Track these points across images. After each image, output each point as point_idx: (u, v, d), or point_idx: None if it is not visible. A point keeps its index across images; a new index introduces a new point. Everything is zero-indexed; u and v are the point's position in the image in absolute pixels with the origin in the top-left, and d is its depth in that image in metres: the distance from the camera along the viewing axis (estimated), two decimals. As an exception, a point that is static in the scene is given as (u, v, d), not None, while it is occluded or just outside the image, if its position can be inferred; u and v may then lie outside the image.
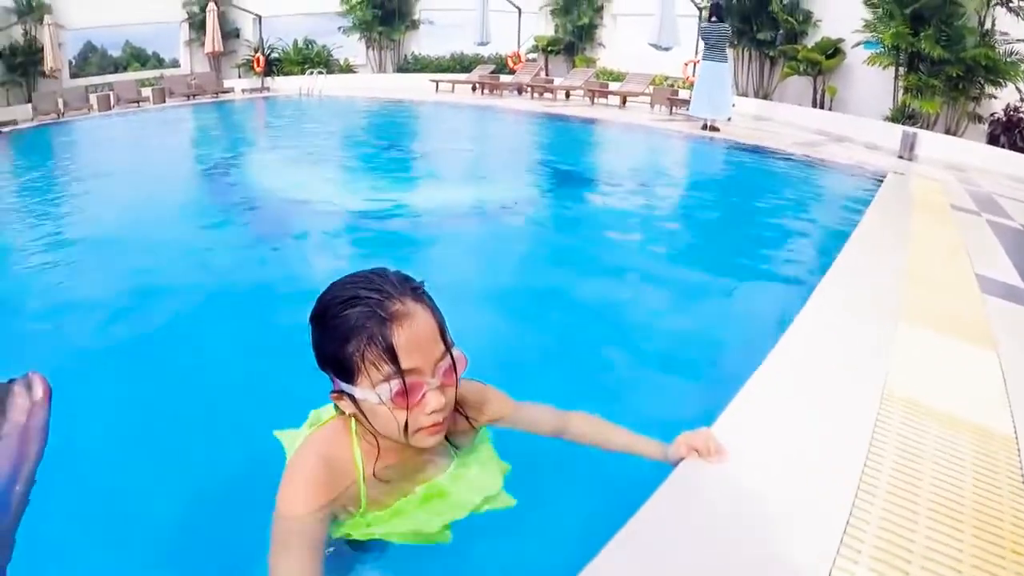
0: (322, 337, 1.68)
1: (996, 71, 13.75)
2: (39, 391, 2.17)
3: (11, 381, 2.11)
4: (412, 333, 1.61)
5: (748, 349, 3.73)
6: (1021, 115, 14.04)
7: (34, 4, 22.94)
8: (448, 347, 1.72)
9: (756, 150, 12.55)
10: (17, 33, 22.83)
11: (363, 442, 1.81)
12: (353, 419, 1.80)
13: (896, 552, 2.04)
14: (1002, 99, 14.29)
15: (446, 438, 1.92)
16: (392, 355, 1.59)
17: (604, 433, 2.31)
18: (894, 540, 2.09)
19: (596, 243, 7.06)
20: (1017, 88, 13.93)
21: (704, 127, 14.45)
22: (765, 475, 2.37)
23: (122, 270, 5.94)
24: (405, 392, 1.62)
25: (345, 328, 1.61)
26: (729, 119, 14.95)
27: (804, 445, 2.61)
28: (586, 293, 5.50)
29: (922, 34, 13.88)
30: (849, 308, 4.28)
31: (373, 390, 1.62)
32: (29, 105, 20.28)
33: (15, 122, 18.72)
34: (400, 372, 1.60)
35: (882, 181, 9.26)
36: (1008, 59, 13.75)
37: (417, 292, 1.71)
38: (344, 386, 1.67)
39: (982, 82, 14.10)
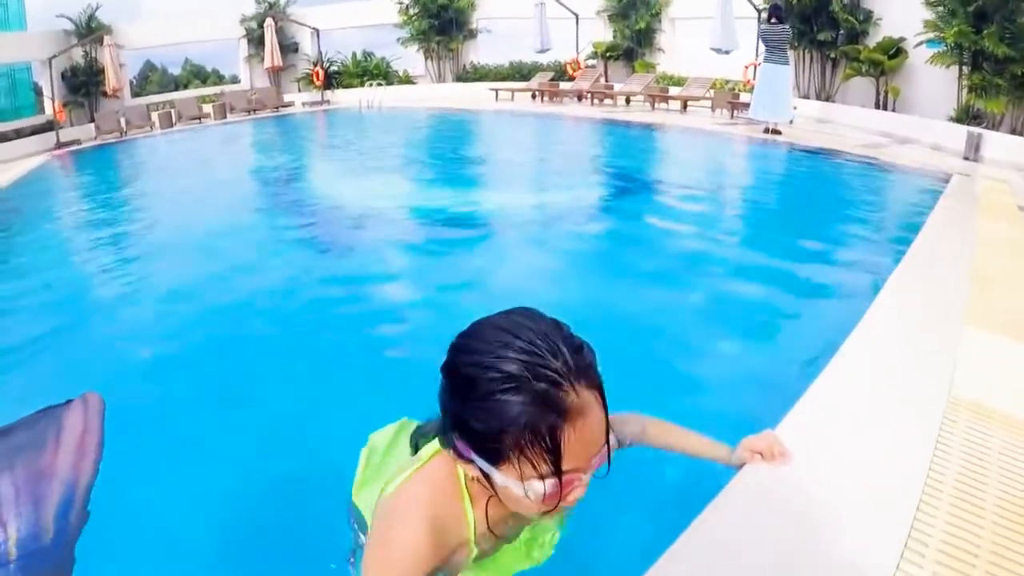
0: (466, 408, 1.37)
1: (1063, 69, 13.50)
2: (94, 409, 2.26)
3: (68, 402, 2.22)
4: (583, 433, 1.33)
5: (813, 351, 3.85)
6: (1090, 113, 13.78)
7: (93, 25, 23.62)
8: (608, 436, 1.42)
9: (819, 153, 12.57)
10: (77, 55, 23.49)
11: (474, 486, 1.59)
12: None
13: (961, 557, 2.10)
14: (1071, 97, 14.00)
15: None
16: (556, 458, 1.32)
17: (675, 437, 2.25)
18: (959, 545, 2.15)
19: (661, 247, 7.21)
20: (1086, 86, 13.65)
21: (766, 130, 14.47)
22: (829, 478, 2.45)
23: (188, 284, 6.24)
24: (559, 493, 1.37)
25: (505, 415, 1.31)
26: (791, 122, 14.90)
27: (869, 448, 2.68)
28: (651, 296, 5.66)
29: (985, 32, 13.65)
30: (914, 311, 4.37)
31: (520, 483, 1.35)
32: (92, 125, 20.91)
33: (78, 142, 19.38)
34: (559, 473, 1.34)
35: (947, 183, 9.24)
36: (1076, 56, 13.47)
37: (591, 373, 1.38)
38: (480, 463, 1.40)
39: (1049, 80, 13.84)
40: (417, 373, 4.27)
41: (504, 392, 1.30)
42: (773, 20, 14.46)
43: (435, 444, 1.64)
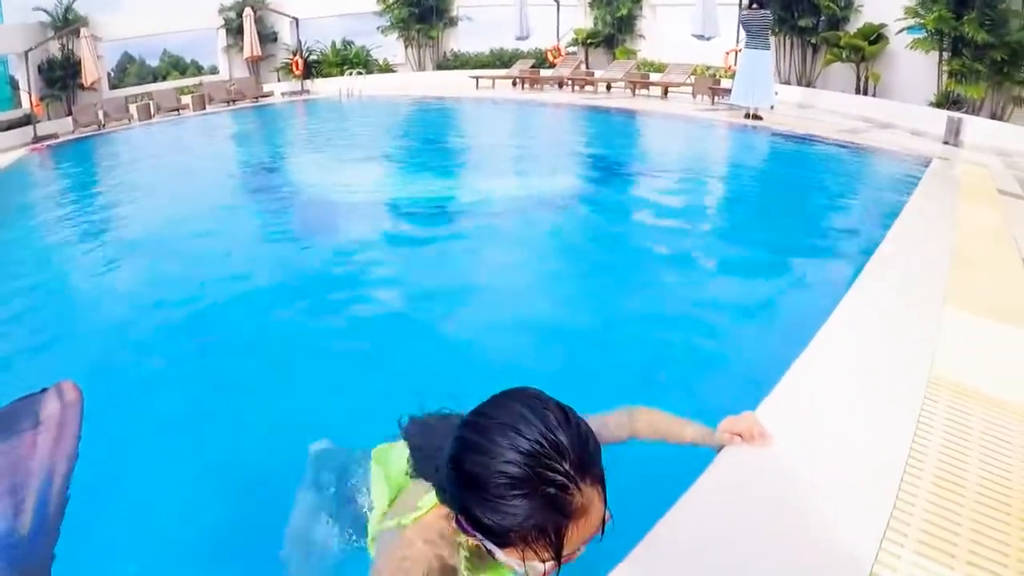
0: (472, 502, 1.41)
1: (1042, 54, 13.56)
2: (71, 398, 2.25)
3: (44, 390, 2.21)
4: (584, 526, 1.38)
5: (793, 332, 3.83)
6: (1069, 99, 13.84)
7: (70, 17, 23.17)
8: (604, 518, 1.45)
9: (800, 138, 12.56)
10: (54, 48, 23.05)
11: (471, 540, 1.57)
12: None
13: (943, 536, 2.09)
14: (1049, 82, 14.05)
15: None
16: (559, 549, 1.37)
17: (658, 425, 2.27)
18: (941, 524, 2.14)
19: (642, 232, 7.21)
20: (1064, 72, 13.72)
21: (747, 116, 14.44)
22: (810, 459, 2.43)
23: (167, 276, 6.15)
24: (556, 570, 1.43)
25: (513, 518, 1.35)
26: (772, 107, 14.89)
27: (849, 429, 2.66)
28: (633, 281, 5.66)
29: (965, 18, 13.71)
30: (895, 292, 4.36)
31: (522, 563, 1.41)
32: (69, 118, 20.49)
33: (56, 136, 18.93)
34: (559, 559, 1.39)
35: (927, 167, 9.24)
36: (1055, 42, 13.54)
37: (595, 470, 1.40)
38: (484, 541, 1.44)
39: (1028, 66, 13.89)
40: (399, 363, 4.26)
41: (512, 497, 1.33)
42: (754, 6, 14.44)
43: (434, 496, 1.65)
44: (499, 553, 1.42)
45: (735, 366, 4.10)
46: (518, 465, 1.33)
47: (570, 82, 21.65)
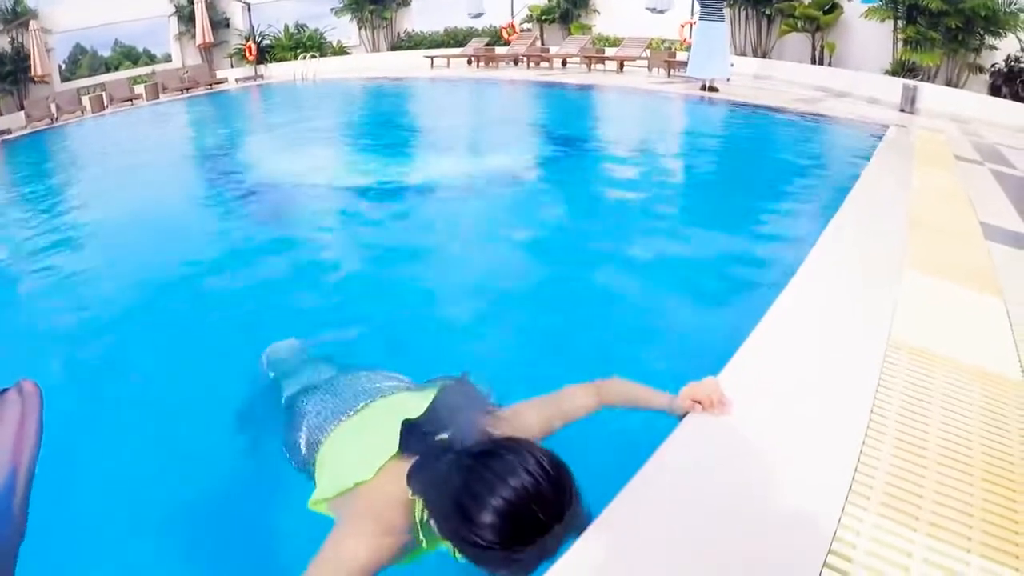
0: (455, 536, 1.51)
1: (996, 21, 13.58)
2: (31, 396, 2.13)
3: (3, 391, 2.09)
4: (548, 557, 1.53)
5: (754, 298, 3.80)
6: (1022, 65, 13.88)
7: (19, 10, 22.56)
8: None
9: (756, 108, 12.47)
10: (4, 41, 22.47)
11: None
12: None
13: (906, 498, 2.05)
14: (1003, 50, 14.11)
15: None
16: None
17: (629, 393, 2.32)
18: (903, 486, 2.10)
19: (601, 203, 7.17)
20: (1017, 38, 13.77)
21: (703, 87, 14.31)
22: (772, 423, 2.40)
23: (127, 273, 5.91)
24: None
25: (489, 561, 1.48)
26: (728, 79, 14.79)
27: (810, 393, 2.63)
28: (592, 251, 5.61)
29: (920, -15, 13.75)
30: (854, 257, 4.33)
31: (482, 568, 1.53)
32: (21, 113, 19.98)
33: (9, 131, 18.36)
34: None
35: (884, 134, 9.21)
36: (1008, 9, 13.58)
37: (567, 516, 1.49)
38: (450, 546, 1.56)
39: (982, 33, 13.92)
40: (362, 348, 4.09)
41: (491, 546, 1.43)
42: (708, -22, 14.31)
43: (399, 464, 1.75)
44: (458, 555, 1.54)
45: (697, 332, 4.06)
46: (499, 513, 1.43)
47: (525, 59, 21.45)
